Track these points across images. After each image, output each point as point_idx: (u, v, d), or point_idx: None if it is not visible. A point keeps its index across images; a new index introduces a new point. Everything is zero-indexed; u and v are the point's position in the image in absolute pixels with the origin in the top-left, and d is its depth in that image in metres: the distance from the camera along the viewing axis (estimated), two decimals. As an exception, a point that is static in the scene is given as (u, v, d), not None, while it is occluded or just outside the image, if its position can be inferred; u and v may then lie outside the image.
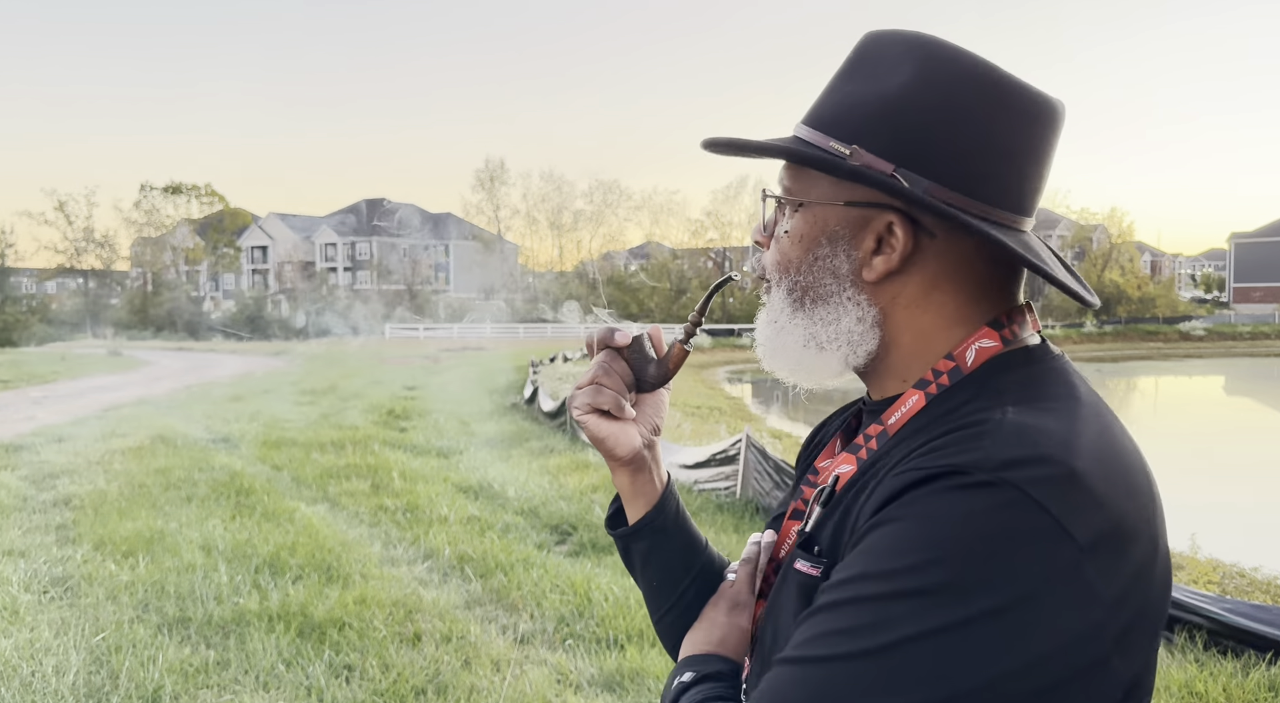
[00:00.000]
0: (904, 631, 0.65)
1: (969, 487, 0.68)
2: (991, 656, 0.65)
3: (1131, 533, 0.70)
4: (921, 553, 0.67)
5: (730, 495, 7.33)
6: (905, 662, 0.65)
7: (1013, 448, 0.69)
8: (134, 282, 65.80)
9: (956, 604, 0.65)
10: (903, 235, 0.81)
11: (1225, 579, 6.06)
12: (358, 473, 8.64)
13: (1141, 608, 0.71)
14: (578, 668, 4.06)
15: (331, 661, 4.10)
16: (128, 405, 14.66)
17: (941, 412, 0.79)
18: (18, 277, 61.37)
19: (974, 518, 0.66)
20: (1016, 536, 0.66)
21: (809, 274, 0.85)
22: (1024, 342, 0.83)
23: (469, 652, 4.22)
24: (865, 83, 0.82)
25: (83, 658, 4.09)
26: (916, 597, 0.66)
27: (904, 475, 0.71)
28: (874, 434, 0.84)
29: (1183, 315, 56.04)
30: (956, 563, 0.66)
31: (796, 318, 0.86)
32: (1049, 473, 0.68)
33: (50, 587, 5.18)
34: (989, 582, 0.65)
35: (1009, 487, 0.67)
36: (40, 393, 17.35)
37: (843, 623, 0.68)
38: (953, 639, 0.65)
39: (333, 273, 75.48)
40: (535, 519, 6.82)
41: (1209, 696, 3.71)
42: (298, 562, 5.51)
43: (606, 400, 0.96)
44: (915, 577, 0.66)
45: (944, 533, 0.67)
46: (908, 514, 0.69)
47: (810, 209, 0.85)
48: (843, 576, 0.71)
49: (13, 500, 7.41)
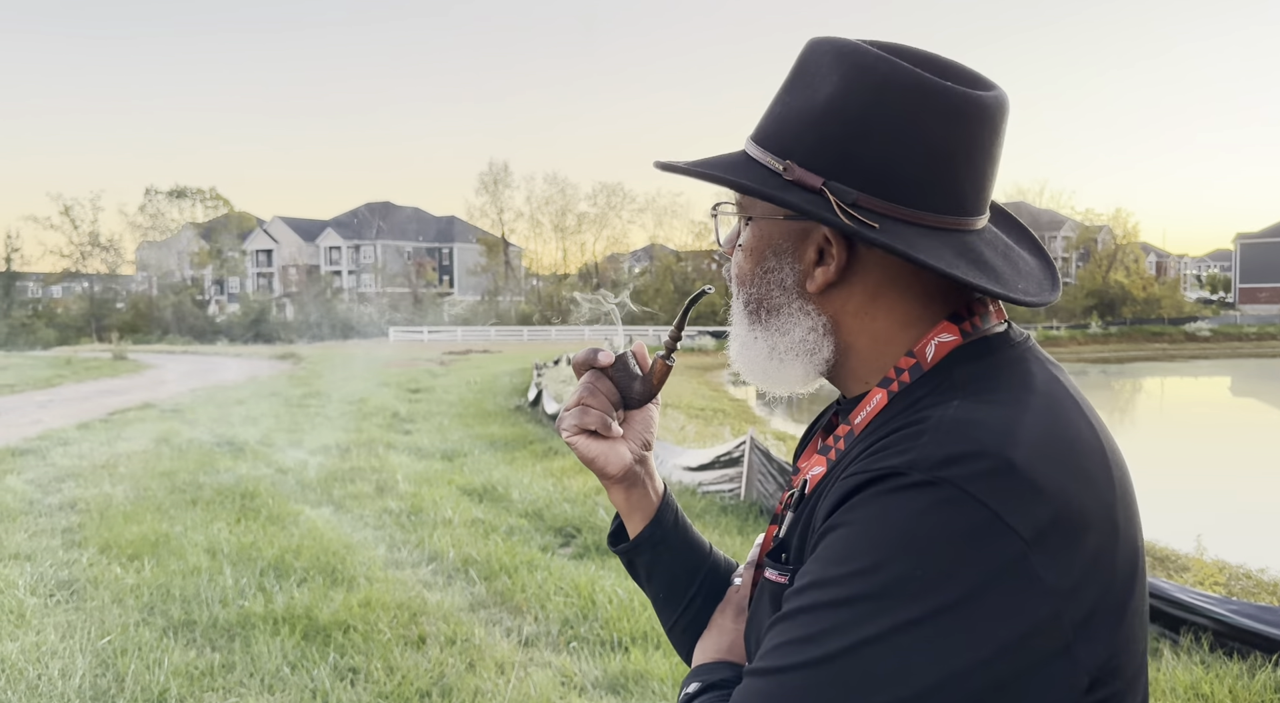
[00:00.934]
0: (855, 635, 0.66)
1: (908, 487, 0.68)
2: (944, 654, 0.65)
3: (1081, 521, 0.70)
4: (866, 557, 0.68)
5: (735, 498, 7.32)
6: (859, 667, 0.66)
7: (949, 445, 0.69)
8: (139, 285, 66.04)
9: (905, 606, 0.66)
10: (838, 247, 0.81)
11: (1231, 581, 6.04)
12: (362, 476, 8.65)
13: (1102, 594, 0.70)
14: (582, 670, 4.06)
15: (336, 663, 4.10)
16: (133, 409, 14.70)
17: (900, 408, 0.79)
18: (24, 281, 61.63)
19: (915, 519, 0.67)
20: (958, 533, 0.66)
21: (760, 287, 0.86)
22: (985, 332, 0.83)
23: (473, 654, 4.22)
24: (799, 95, 0.83)
25: (88, 661, 4.10)
26: (864, 601, 0.67)
27: (850, 479, 0.73)
28: (842, 435, 0.84)
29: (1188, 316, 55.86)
30: (901, 565, 0.66)
31: (755, 330, 0.87)
32: (985, 467, 0.68)
33: (56, 590, 5.20)
34: (935, 581, 0.66)
35: (947, 485, 0.67)
36: (46, 397, 17.40)
37: (799, 631, 0.69)
38: (904, 641, 0.65)
39: (337, 276, 75.61)
40: (539, 522, 6.83)
41: (1215, 698, 3.69)
42: (302, 565, 5.52)
43: (593, 421, 0.96)
44: (861, 581, 0.67)
45: (887, 536, 0.68)
46: (853, 519, 0.70)
47: (757, 223, 0.86)
48: (800, 583, 0.72)
49: (19, 504, 7.43)
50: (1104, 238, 64.13)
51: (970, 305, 0.83)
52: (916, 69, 0.79)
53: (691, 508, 7.08)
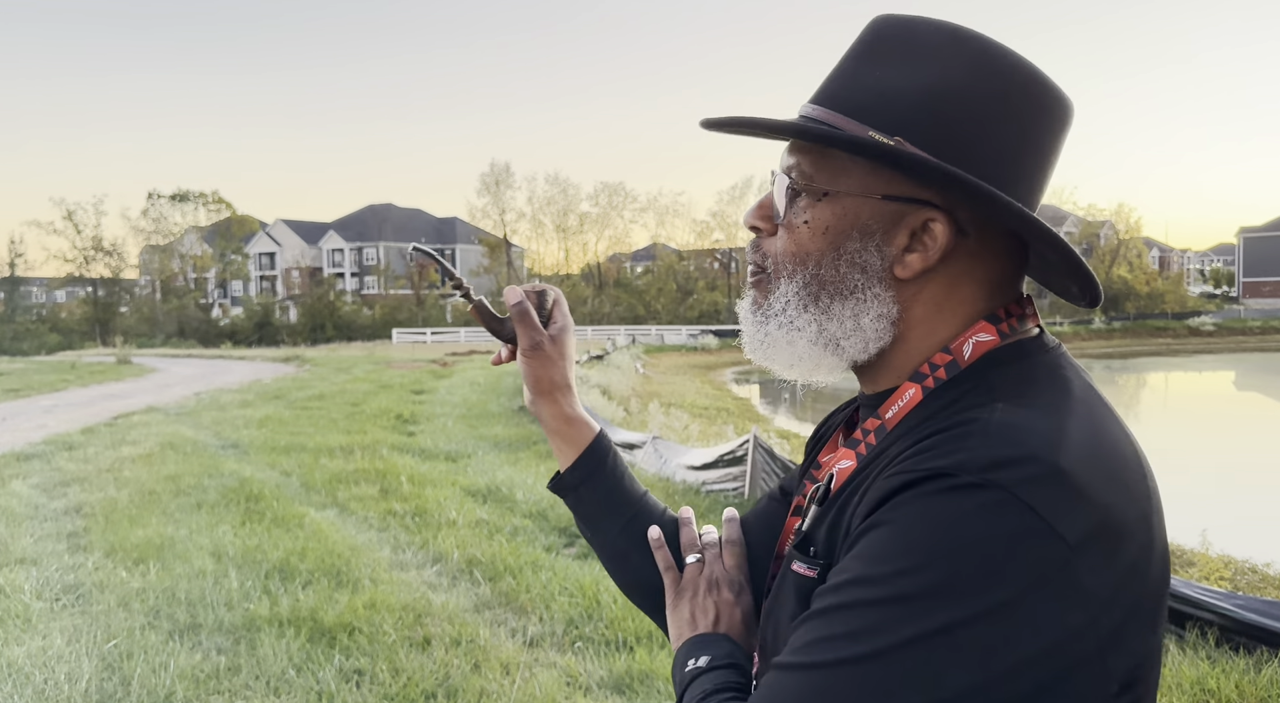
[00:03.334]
0: (897, 635, 0.66)
1: (956, 489, 0.67)
2: (984, 658, 0.65)
3: (1122, 530, 0.70)
4: (911, 557, 0.67)
5: (739, 496, 7.32)
6: (899, 667, 0.65)
7: (998, 448, 0.69)
8: (142, 289, 66.13)
9: (948, 608, 0.65)
10: (943, 233, 0.79)
11: (1237, 575, 6.03)
12: (366, 478, 8.65)
13: (1136, 604, 0.70)
14: (587, 671, 4.06)
15: (342, 665, 4.10)
16: (137, 413, 14.71)
17: (937, 407, 0.78)
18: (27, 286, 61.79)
19: (962, 521, 0.66)
20: (1005, 537, 0.66)
21: (832, 268, 0.81)
22: (1022, 335, 0.82)
23: (478, 655, 4.22)
24: (900, 70, 0.79)
25: (95, 665, 4.11)
26: (907, 601, 0.66)
27: (893, 478, 0.71)
28: (872, 429, 0.83)
29: (1192, 311, 55.79)
30: (946, 567, 0.66)
31: (808, 313, 0.83)
32: (1035, 472, 0.67)
33: (62, 594, 5.20)
34: (979, 584, 0.65)
35: (996, 488, 0.67)
36: (51, 401, 17.42)
37: (838, 628, 0.68)
38: (945, 643, 0.65)
39: (340, 278, 75.67)
40: (544, 522, 6.83)
41: (1221, 693, 3.68)
42: (307, 567, 5.52)
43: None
44: (905, 581, 0.66)
45: (933, 537, 0.67)
46: (897, 518, 0.69)
47: (838, 199, 0.81)
48: (837, 580, 0.71)
49: (24, 509, 7.44)
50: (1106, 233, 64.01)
51: (1009, 306, 0.83)
52: (1036, 66, 0.80)
53: (696, 507, 7.08)
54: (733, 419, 15.64)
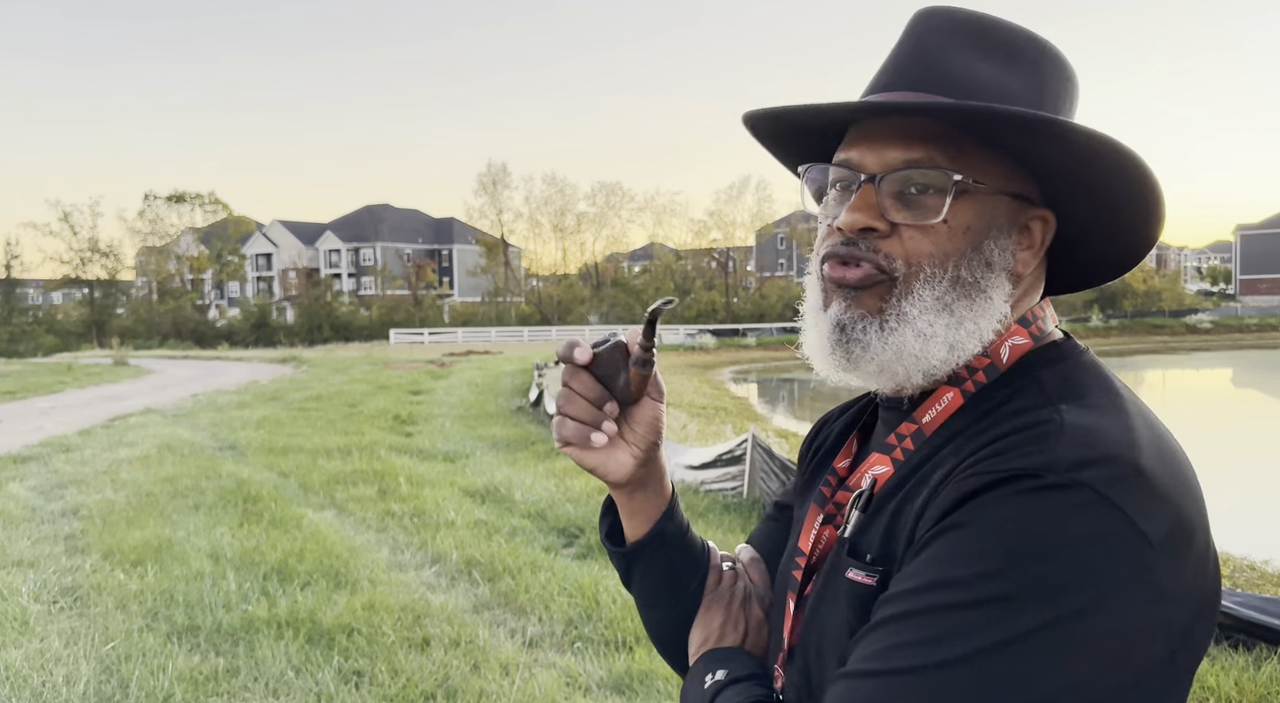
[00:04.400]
0: (985, 639, 0.64)
1: (1044, 489, 0.66)
2: (1074, 659, 0.64)
3: (1191, 528, 0.70)
4: (997, 559, 0.66)
5: (737, 496, 7.32)
6: (987, 672, 0.64)
7: (1080, 449, 0.68)
8: (139, 291, 66.03)
9: (1038, 609, 0.64)
10: (1041, 231, 0.81)
11: (1236, 573, 6.03)
12: (364, 479, 8.64)
13: (1201, 603, 0.71)
14: (586, 671, 4.05)
15: (340, 667, 4.10)
16: (135, 415, 14.68)
17: (984, 410, 0.77)
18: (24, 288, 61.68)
19: (1051, 521, 0.66)
20: (1094, 537, 0.65)
21: (969, 270, 0.78)
22: (1050, 337, 0.83)
23: (478, 656, 4.22)
24: (1008, 70, 0.80)
25: (93, 667, 4.10)
26: (996, 604, 0.65)
27: (969, 480, 0.70)
28: (907, 434, 0.81)
29: (1189, 308, 55.86)
30: (1035, 568, 0.65)
31: (942, 318, 0.78)
32: (1118, 472, 0.67)
33: (60, 597, 5.19)
34: (1069, 585, 0.65)
35: (1084, 488, 0.66)
36: (47, 403, 17.39)
37: (919, 633, 0.67)
38: (1036, 644, 0.64)
39: (337, 279, 75.60)
40: (542, 522, 6.82)
41: (1221, 690, 3.69)
42: (306, 568, 5.51)
43: (570, 433, 0.87)
44: (991, 584, 0.65)
45: (1022, 537, 0.66)
46: (979, 519, 0.68)
47: (977, 196, 0.78)
48: (911, 584, 0.69)
49: (21, 511, 7.42)
50: (1103, 231, 64.04)
51: (1033, 308, 0.83)
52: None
53: (694, 507, 7.08)
54: (731, 419, 15.64)
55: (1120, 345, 41.85)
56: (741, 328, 47.39)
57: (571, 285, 67.47)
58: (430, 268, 75.12)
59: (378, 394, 17.92)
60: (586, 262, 70.35)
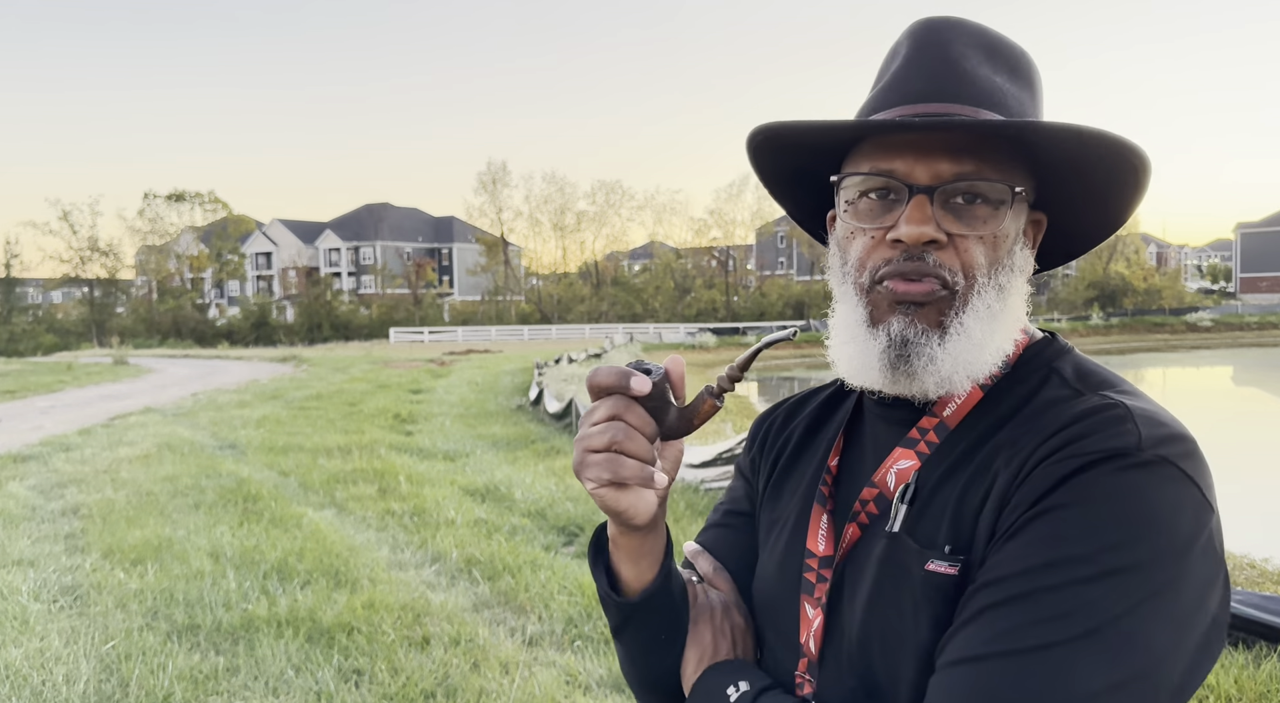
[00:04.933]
0: (1116, 608, 0.69)
1: (1137, 466, 0.72)
2: (1179, 620, 0.70)
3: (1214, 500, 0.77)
4: (1116, 532, 0.70)
5: (737, 494, 7.31)
6: (1115, 640, 0.68)
7: (1154, 429, 0.74)
8: (139, 290, 66.01)
9: (1151, 577, 0.69)
10: (1037, 233, 0.88)
11: (1235, 570, 6.03)
12: (364, 478, 8.64)
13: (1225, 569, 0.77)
14: (586, 669, 4.05)
15: (340, 665, 4.10)
16: (134, 414, 14.69)
17: (1015, 402, 0.82)
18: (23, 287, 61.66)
19: (1154, 495, 0.71)
20: (1186, 508, 0.72)
21: (1009, 275, 0.82)
22: (1035, 332, 0.89)
23: (478, 655, 4.22)
24: (1011, 82, 0.84)
25: (93, 666, 4.10)
26: (1121, 575, 0.69)
27: (1061, 464, 0.73)
28: (929, 428, 0.84)
29: (1189, 306, 55.84)
30: (1151, 538, 0.70)
31: (990, 325, 0.81)
32: (1189, 449, 0.75)
33: (60, 596, 5.19)
34: (1174, 552, 0.71)
35: (1168, 463, 0.73)
36: (47, 402, 17.39)
37: (1043, 612, 0.69)
38: (1151, 610, 0.69)
39: (337, 278, 75.59)
40: (542, 521, 6.82)
41: (1220, 688, 3.68)
42: (305, 567, 5.52)
43: (631, 474, 0.78)
44: (1117, 555, 0.70)
45: (1132, 511, 0.71)
46: (1082, 498, 0.72)
47: (1014, 205, 0.81)
48: (1020, 566, 0.71)
49: (21, 510, 7.42)
50: (1103, 229, 63.98)
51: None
52: None
53: (694, 505, 7.08)
54: (731, 417, 15.63)
55: (1120, 343, 41.84)
56: (742, 326, 47.37)
57: (571, 284, 67.44)
58: (430, 266, 75.13)
59: (378, 393, 17.92)
60: (586, 260, 70.32)
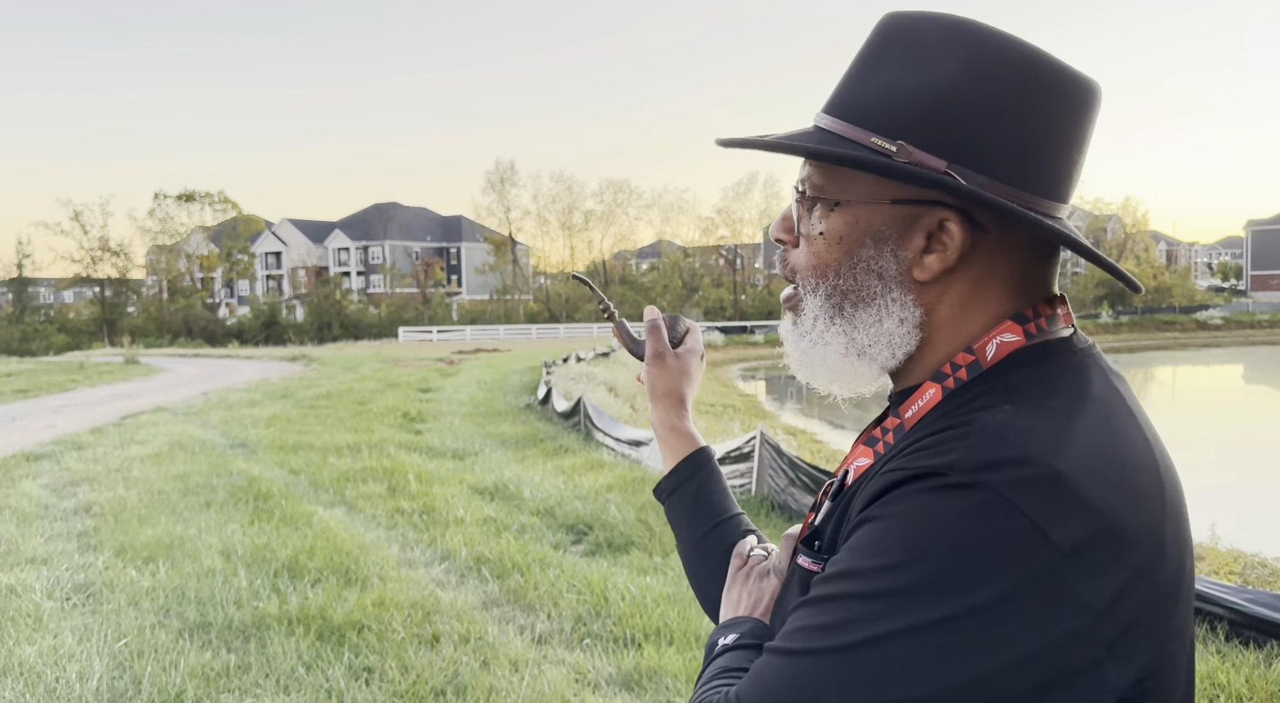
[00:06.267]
0: (876, 629, 0.66)
1: (946, 488, 0.67)
2: (963, 658, 0.64)
3: (1126, 538, 0.68)
4: (896, 554, 0.67)
5: (745, 493, 7.32)
6: (874, 661, 0.66)
7: (994, 449, 0.68)
8: (149, 289, 66.26)
9: (928, 606, 0.65)
10: (959, 233, 0.77)
11: (1247, 570, 6.01)
12: (374, 476, 8.67)
13: (1141, 613, 0.68)
14: (595, 667, 4.06)
15: (351, 663, 4.12)
16: (146, 413, 14.75)
17: (954, 407, 0.77)
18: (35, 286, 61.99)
19: (949, 520, 0.66)
20: (991, 539, 0.65)
21: (850, 277, 0.81)
22: (1050, 335, 0.80)
23: (487, 652, 4.23)
24: (902, 71, 0.77)
25: (105, 664, 4.13)
26: (889, 597, 0.66)
27: (889, 475, 0.72)
28: (890, 428, 0.82)
29: (1200, 304, 55.57)
30: (929, 564, 0.66)
31: (835, 324, 0.82)
32: (1028, 475, 0.66)
33: (72, 594, 5.23)
34: (961, 585, 0.65)
35: (985, 489, 0.66)
36: (59, 401, 17.48)
37: (821, 619, 0.70)
38: (922, 640, 0.65)
39: (346, 277, 75.77)
40: (551, 519, 6.84)
41: (1231, 687, 3.68)
42: (316, 565, 5.54)
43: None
44: (889, 577, 0.67)
45: (919, 534, 0.67)
46: (888, 513, 0.70)
47: (850, 208, 0.80)
48: (829, 571, 0.73)
49: (34, 509, 7.47)
50: (1113, 227, 63.78)
51: (1038, 306, 0.81)
52: (1041, 49, 0.77)
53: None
54: (739, 416, 15.64)
55: (1130, 341, 41.65)
56: (749, 325, 47.35)
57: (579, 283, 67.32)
58: (439, 266, 75.24)
59: (387, 392, 17.96)
60: (594, 259, 70.33)
